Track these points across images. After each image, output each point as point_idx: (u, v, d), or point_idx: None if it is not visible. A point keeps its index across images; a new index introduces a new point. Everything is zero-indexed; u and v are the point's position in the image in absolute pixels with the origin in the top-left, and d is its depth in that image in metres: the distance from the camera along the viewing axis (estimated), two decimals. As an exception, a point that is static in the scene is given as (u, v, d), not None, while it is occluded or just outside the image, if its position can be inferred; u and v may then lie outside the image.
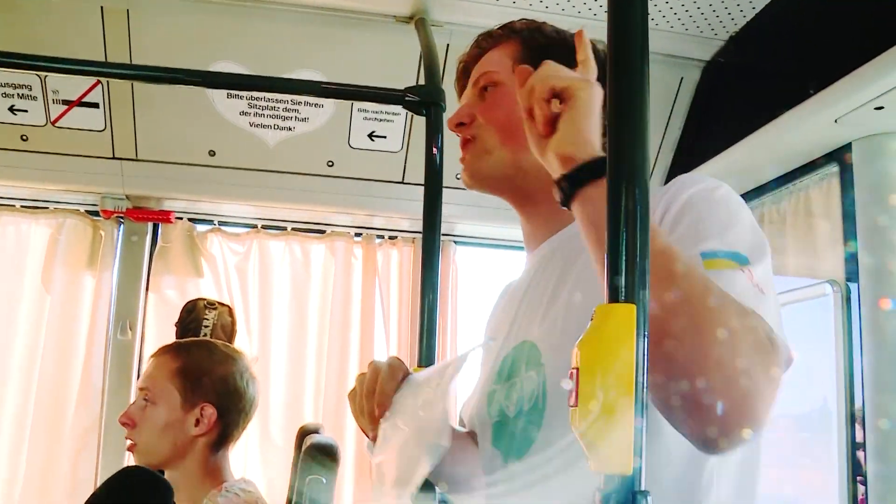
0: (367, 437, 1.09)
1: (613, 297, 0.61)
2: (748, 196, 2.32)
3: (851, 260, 1.99)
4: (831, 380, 1.91)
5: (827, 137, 1.99)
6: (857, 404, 1.91)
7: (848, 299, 1.99)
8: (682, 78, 2.39)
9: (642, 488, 0.57)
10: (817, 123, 1.91)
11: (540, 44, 1.15)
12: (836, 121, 1.87)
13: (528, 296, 1.11)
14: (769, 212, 2.29)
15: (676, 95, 2.42)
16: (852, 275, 1.98)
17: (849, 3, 1.80)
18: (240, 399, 1.72)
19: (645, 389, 0.59)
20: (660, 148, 2.51)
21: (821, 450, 2.08)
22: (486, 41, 1.20)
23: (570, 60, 1.02)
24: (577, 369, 0.59)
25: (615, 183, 0.63)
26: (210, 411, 1.65)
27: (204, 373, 1.68)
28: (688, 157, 2.45)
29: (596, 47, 1.14)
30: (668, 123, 2.47)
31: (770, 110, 1.98)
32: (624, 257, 0.61)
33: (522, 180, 1.11)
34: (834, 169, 2.07)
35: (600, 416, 0.57)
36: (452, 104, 1.29)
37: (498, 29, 1.21)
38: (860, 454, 1.87)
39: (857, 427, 1.89)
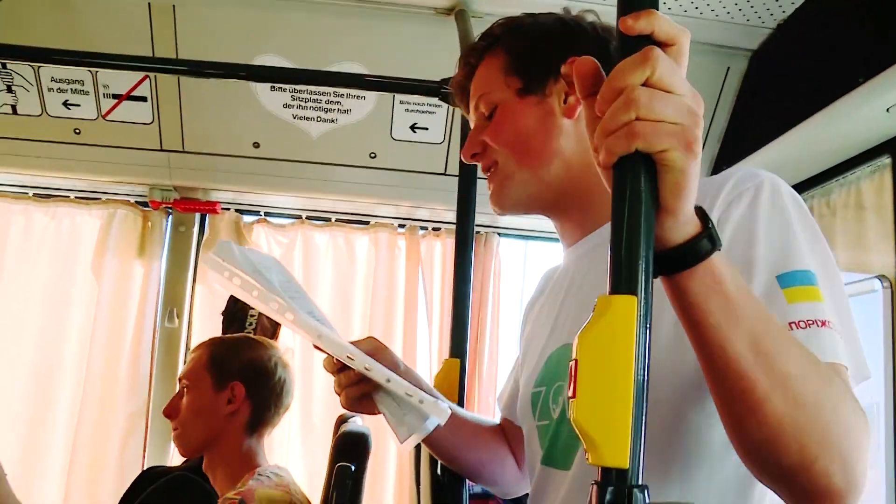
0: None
1: (615, 288, 0.59)
2: (796, 189, 2.25)
3: (903, 254, 1.93)
4: (879, 377, 1.86)
5: (879, 127, 1.92)
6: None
7: (899, 295, 1.93)
8: (728, 68, 2.33)
9: (640, 482, 0.56)
10: (869, 113, 1.85)
11: (523, 46, 1.11)
12: (888, 110, 1.81)
13: (570, 295, 1.09)
14: (818, 205, 2.23)
15: (723, 86, 2.37)
16: (904, 270, 1.92)
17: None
18: (268, 379, 1.76)
19: (646, 382, 0.57)
20: (706, 139, 2.46)
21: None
22: (473, 56, 1.16)
23: (555, 51, 1.05)
24: (576, 360, 0.58)
25: (621, 168, 0.61)
26: (239, 389, 1.70)
27: (232, 356, 1.75)
28: (734, 149, 2.40)
29: (595, 27, 1.11)
30: (713, 114, 2.42)
31: (819, 100, 1.92)
32: (628, 247, 0.59)
33: (547, 194, 1.09)
34: (886, 160, 2.00)
35: (598, 407, 0.56)
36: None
37: (480, 40, 1.17)
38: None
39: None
